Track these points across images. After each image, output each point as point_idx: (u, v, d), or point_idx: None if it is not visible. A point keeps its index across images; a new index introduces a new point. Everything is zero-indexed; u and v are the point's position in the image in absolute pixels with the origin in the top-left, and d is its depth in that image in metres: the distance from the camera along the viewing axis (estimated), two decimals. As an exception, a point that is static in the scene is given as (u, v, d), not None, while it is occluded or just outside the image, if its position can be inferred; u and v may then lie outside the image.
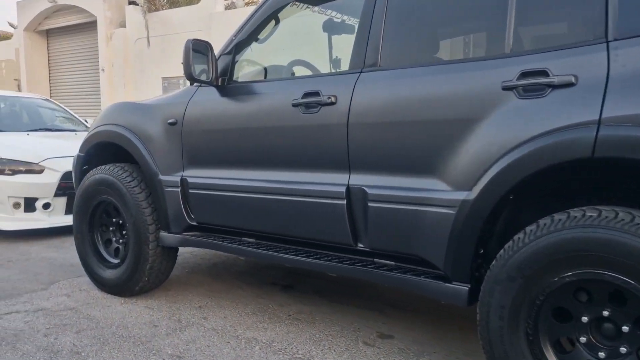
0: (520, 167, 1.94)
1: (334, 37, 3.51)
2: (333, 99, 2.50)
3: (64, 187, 5.41)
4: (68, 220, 5.45)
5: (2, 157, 5.30)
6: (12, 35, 17.44)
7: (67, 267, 4.33)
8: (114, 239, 3.66)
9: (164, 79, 11.67)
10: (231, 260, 4.48)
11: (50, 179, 5.35)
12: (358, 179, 2.43)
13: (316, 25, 3.52)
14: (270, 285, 3.84)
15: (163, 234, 3.28)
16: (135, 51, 12.21)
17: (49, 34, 15.60)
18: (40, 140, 6.03)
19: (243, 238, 3.04)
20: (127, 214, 3.36)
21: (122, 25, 12.64)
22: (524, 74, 1.98)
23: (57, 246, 5.05)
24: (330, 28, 3.43)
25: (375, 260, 2.51)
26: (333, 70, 3.47)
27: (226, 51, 3.08)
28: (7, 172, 5.26)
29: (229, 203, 2.94)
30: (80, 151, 3.81)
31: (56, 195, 5.38)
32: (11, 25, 18.78)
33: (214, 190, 3.00)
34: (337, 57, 3.57)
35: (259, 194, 2.79)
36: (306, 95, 2.60)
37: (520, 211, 2.21)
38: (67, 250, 4.88)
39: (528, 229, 1.94)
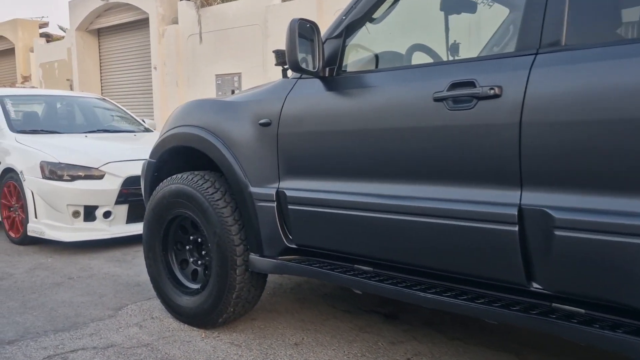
0: None
1: (451, 18, 2.90)
2: (496, 91, 1.89)
3: (126, 194, 4.99)
4: (130, 230, 5.04)
5: (61, 161, 4.90)
6: (63, 38, 17.48)
7: (133, 286, 3.87)
8: (190, 259, 3.15)
9: (217, 76, 11.27)
10: (316, 280, 3.92)
11: (111, 185, 4.92)
12: (535, 198, 1.81)
13: (432, 3, 2.92)
14: (369, 314, 3.26)
15: (254, 257, 2.74)
16: (188, 48, 11.86)
17: (100, 33, 15.50)
18: (99, 143, 5.63)
19: (356, 265, 2.46)
20: (210, 232, 2.84)
21: (175, 21, 12.31)
22: None
23: (119, 260, 4.61)
24: (450, 6, 2.82)
25: (554, 305, 1.88)
26: (452, 57, 2.86)
27: (334, 34, 2.51)
28: (65, 177, 4.86)
29: (342, 223, 2.37)
30: (151, 157, 3.32)
31: (117, 202, 4.95)
32: (61, 28, 18.89)
33: (321, 206, 2.44)
34: (455, 41, 2.96)
35: (385, 213, 2.21)
36: (455, 86, 2.00)
37: None
38: (130, 265, 4.43)
39: None
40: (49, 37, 19.24)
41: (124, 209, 5.04)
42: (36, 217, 4.91)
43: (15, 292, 3.76)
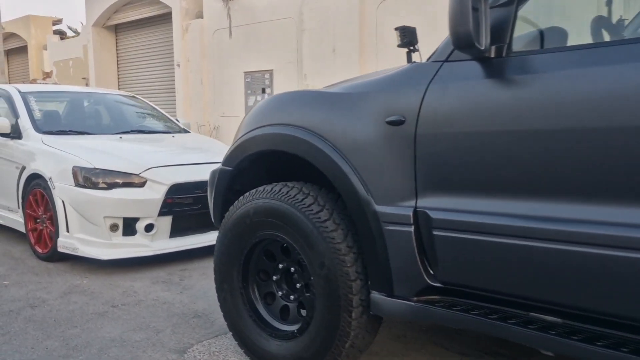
0: None
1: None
2: None
3: (170, 204, 4.39)
4: (174, 245, 4.45)
5: (96, 166, 4.31)
6: (78, 35, 17.00)
7: (191, 317, 3.27)
8: (279, 293, 2.54)
9: (246, 73, 10.68)
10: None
11: (154, 193, 4.33)
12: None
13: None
14: (486, 357, 2.64)
15: (378, 296, 2.12)
16: (213, 44, 11.28)
17: (117, 29, 14.98)
18: (137, 146, 5.04)
19: (532, 314, 1.84)
20: (313, 263, 2.22)
21: (199, 16, 11.75)
22: None
23: (166, 282, 4.01)
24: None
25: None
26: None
27: (502, 1, 1.88)
28: (101, 185, 4.27)
29: (517, 257, 1.75)
30: (225, 164, 2.72)
31: (160, 214, 4.36)
32: (71, 29, 18.43)
33: (487, 233, 1.81)
34: (621, 16, 2.33)
35: (590, 247, 1.59)
36: None
37: None
38: (180, 289, 3.84)
39: None
40: (62, 35, 18.79)
41: (167, 221, 4.44)
42: (68, 230, 4.32)
43: (52, 325, 3.17)
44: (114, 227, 4.26)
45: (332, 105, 2.27)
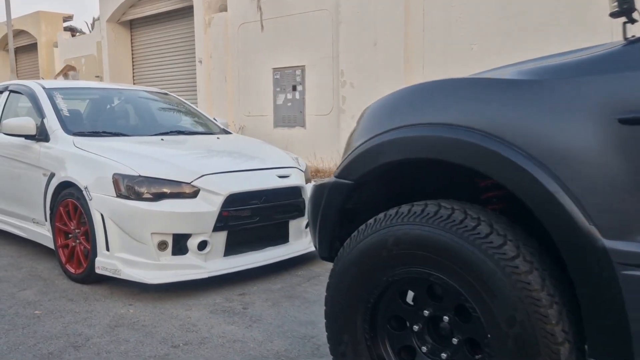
0: None
1: None
2: None
3: (226, 218, 3.80)
4: (229, 265, 3.87)
5: (141, 173, 3.72)
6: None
7: (274, 363, 2.67)
8: (422, 348, 1.92)
9: (275, 69, 10.08)
10: None
11: (209, 205, 3.74)
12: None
13: None
14: None
15: (602, 370, 1.50)
16: (238, 38, 10.69)
17: (132, 25, 14.41)
18: (182, 149, 4.46)
19: None
20: (497, 315, 1.61)
21: (223, 9, 11.16)
22: None
23: (226, 310, 3.41)
24: None
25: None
26: None
27: None
28: (146, 195, 3.67)
29: None
30: (343, 175, 2.11)
31: (215, 229, 3.77)
32: (75, 29, 17.89)
33: None
34: None
35: None
36: None
37: None
38: (247, 321, 3.24)
39: None
40: (73, 32, 18.26)
41: (222, 237, 3.85)
42: (108, 248, 3.73)
43: (104, 375, 2.57)
44: (162, 245, 3.66)
45: (519, 98, 1.65)
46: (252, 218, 3.98)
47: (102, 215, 3.73)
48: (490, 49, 7.21)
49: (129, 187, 3.67)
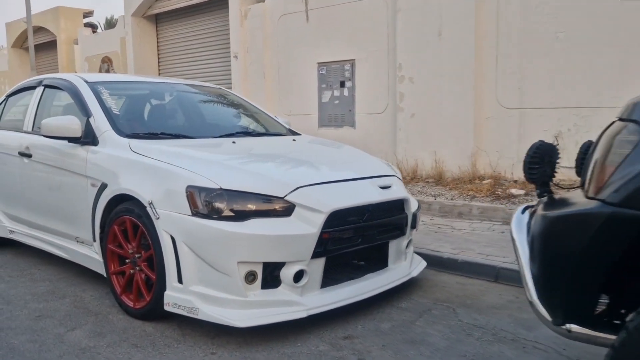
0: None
1: None
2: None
3: (326, 240, 3.05)
4: (329, 300, 3.17)
5: (222, 186, 2.98)
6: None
7: None
8: None
9: (320, 64, 9.32)
10: None
11: (306, 225, 3.01)
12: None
13: None
14: None
15: None
16: (278, 31, 9.96)
17: (158, 19, 13.75)
18: (264, 155, 3.72)
19: None
20: None
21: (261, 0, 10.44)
22: None
23: (343, 366, 2.67)
24: None
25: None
26: None
27: None
28: (227, 213, 2.94)
29: None
30: (632, 203, 1.34)
31: (314, 255, 3.02)
32: (97, 25, 17.32)
33: None
34: None
35: None
36: None
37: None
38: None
39: None
40: (94, 28, 17.67)
41: (319, 265, 3.11)
42: (180, 280, 3.00)
43: None
44: (249, 277, 2.93)
45: None
46: (353, 240, 3.24)
47: (172, 238, 3.01)
48: (581, 37, 6.40)
49: (208, 203, 2.94)
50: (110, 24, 29.44)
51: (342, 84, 9.05)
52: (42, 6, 19.57)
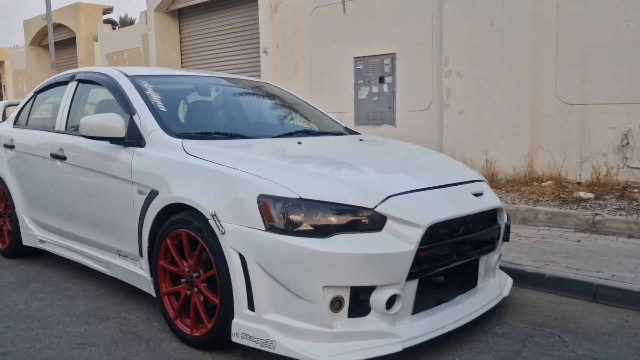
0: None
1: None
2: None
3: (422, 259, 2.58)
4: (425, 329, 2.70)
5: (302, 195, 2.52)
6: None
7: None
8: None
9: (356, 59, 8.85)
10: None
11: (400, 242, 2.55)
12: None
13: None
14: None
15: None
16: (311, 25, 9.50)
17: (181, 14, 13.36)
18: (339, 159, 3.26)
19: None
20: None
21: (291, -9, 9.98)
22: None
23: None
24: None
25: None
26: None
27: None
28: (305, 227, 2.48)
29: None
30: None
31: (409, 277, 2.56)
32: (117, 22, 16.90)
33: None
34: None
35: None
36: None
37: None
38: None
39: None
40: (114, 25, 17.34)
41: (412, 288, 2.64)
42: (252, 307, 2.55)
43: None
44: (336, 304, 2.47)
45: None
46: (448, 257, 2.78)
47: (242, 257, 2.56)
48: (655, 25, 5.88)
49: (285, 216, 2.49)
50: (124, 22, 29.11)
51: (382, 80, 8.57)
52: (61, 2, 19.24)
